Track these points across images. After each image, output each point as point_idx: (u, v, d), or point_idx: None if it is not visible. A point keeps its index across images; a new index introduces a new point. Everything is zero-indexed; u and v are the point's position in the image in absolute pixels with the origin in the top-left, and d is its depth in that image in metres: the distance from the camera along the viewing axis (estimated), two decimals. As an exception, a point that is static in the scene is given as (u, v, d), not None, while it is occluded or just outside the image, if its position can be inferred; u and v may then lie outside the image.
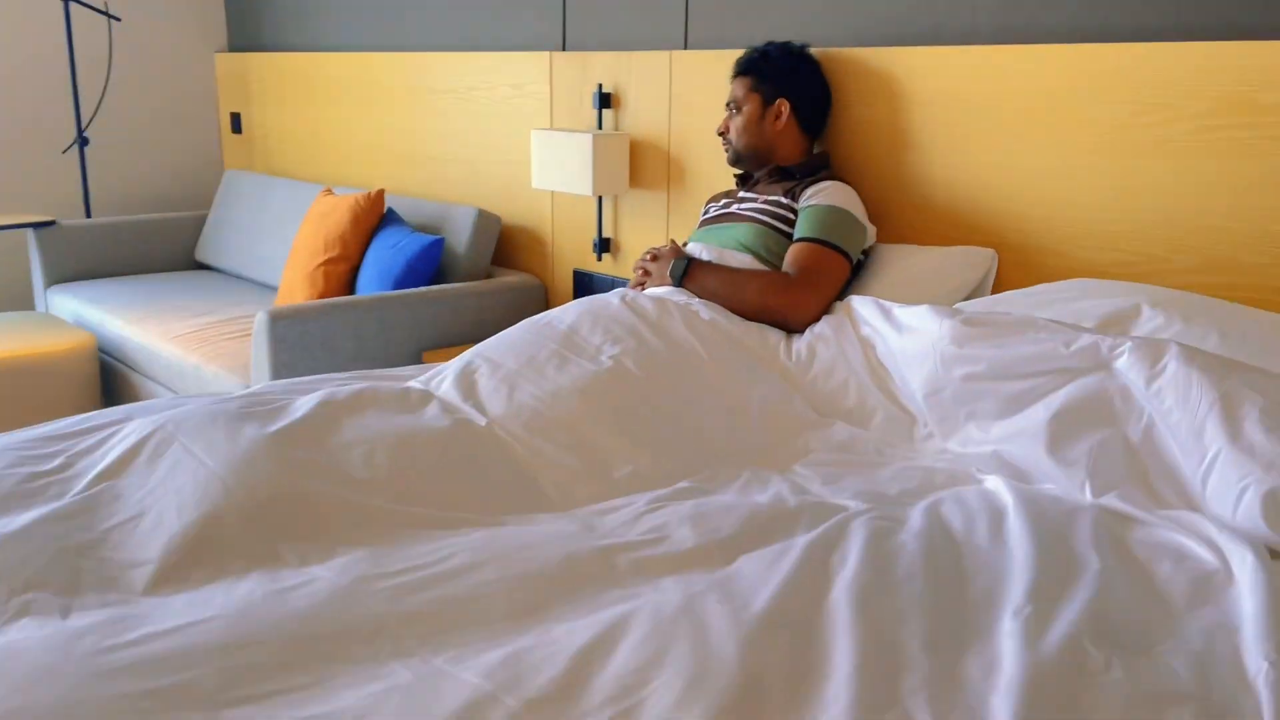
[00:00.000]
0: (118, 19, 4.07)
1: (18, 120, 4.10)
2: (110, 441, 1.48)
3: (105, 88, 4.21)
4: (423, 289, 2.92)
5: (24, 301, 4.21)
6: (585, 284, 3.09)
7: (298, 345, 2.65)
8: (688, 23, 2.76)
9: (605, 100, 2.90)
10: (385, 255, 3.08)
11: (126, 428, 1.52)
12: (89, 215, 4.13)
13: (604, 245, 3.01)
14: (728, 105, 2.38)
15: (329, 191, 3.42)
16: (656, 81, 2.78)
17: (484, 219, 3.13)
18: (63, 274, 3.88)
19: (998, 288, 2.18)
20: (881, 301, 1.91)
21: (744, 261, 2.17)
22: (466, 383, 1.77)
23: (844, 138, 2.40)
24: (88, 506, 1.32)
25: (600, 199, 2.98)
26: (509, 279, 3.15)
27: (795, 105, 2.31)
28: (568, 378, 1.75)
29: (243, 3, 4.40)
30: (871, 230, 2.26)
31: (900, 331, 1.81)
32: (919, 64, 2.25)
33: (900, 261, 2.21)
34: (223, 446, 1.41)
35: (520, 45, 3.26)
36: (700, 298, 2.09)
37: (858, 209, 2.20)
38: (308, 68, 4.03)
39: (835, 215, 2.15)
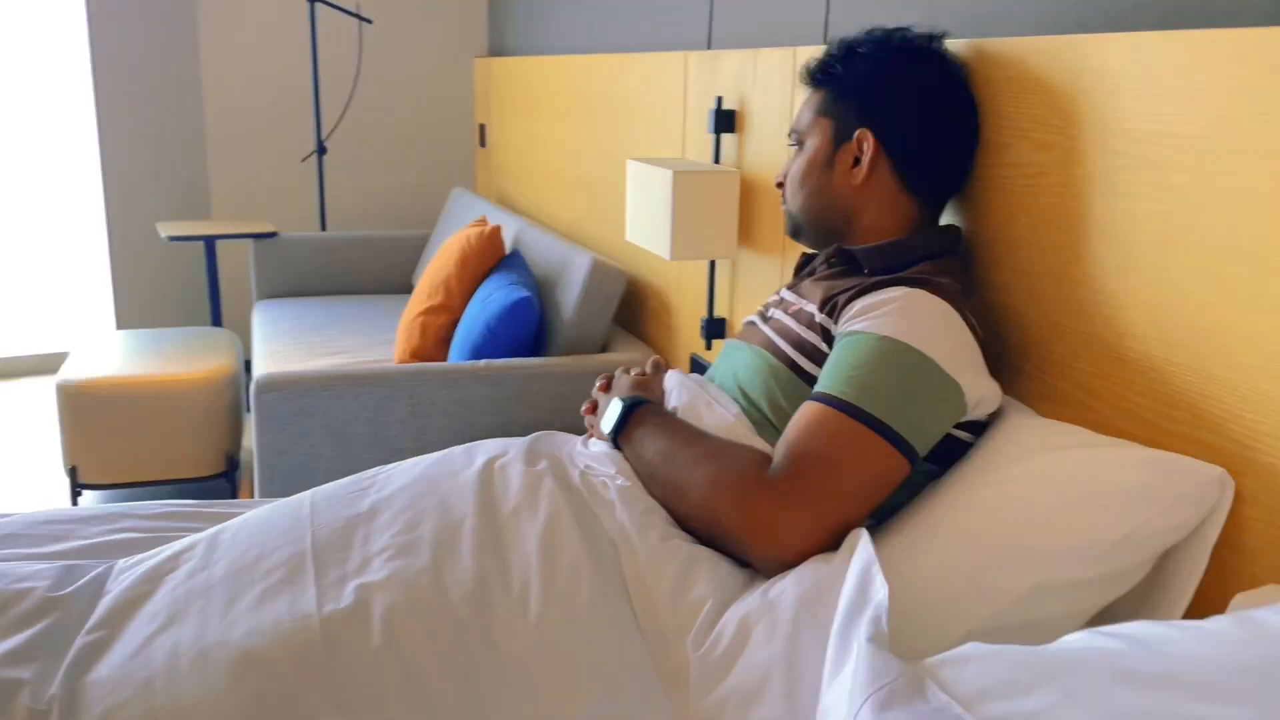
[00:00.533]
0: (368, 21, 3.85)
1: (258, 127, 4.04)
2: None
3: (351, 95, 4.03)
4: (467, 363, 2.23)
5: (245, 312, 4.18)
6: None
7: (292, 423, 2.10)
8: (829, 8, 1.78)
9: (726, 120, 2.00)
10: (475, 311, 2.44)
11: None
12: (323, 228, 3.98)
13: (713, 328, 2.11)
14: (790, 136, 1.41)
15: (482, 221, 2.86)
16: (779, 92, 1.83)
17: (599, 273, 2.37)
18: (275, 288, 3.73)
19: (1219, 576, 1.02)
20: (876, 576, 0.90)
21: (721, 422, 1.22)
22: (134, 590, 1.07)
23: (996, 202, 1.32)
24: None
25: (713, 264, 2.08)
26: (615, 357, 2.36)
27: (889, 141, 1.29)
28: (261, 618, 0.99)
29: (510, 2, 3.98)
30: (982, 392, 1.17)
31: (833, 671, 0.81)
32: (1148, 61, 1.12)
33: (1038, 461, 1.10)
34: None
35: (665, 41, 2.44)
36: (637, 467, 1.21)
37: (944, 347, 1.13)
38: (527, 73, 3.51)
39: (885, 357, 1.12)
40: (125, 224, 4.03)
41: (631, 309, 2.66)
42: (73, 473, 2.82)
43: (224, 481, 3.15)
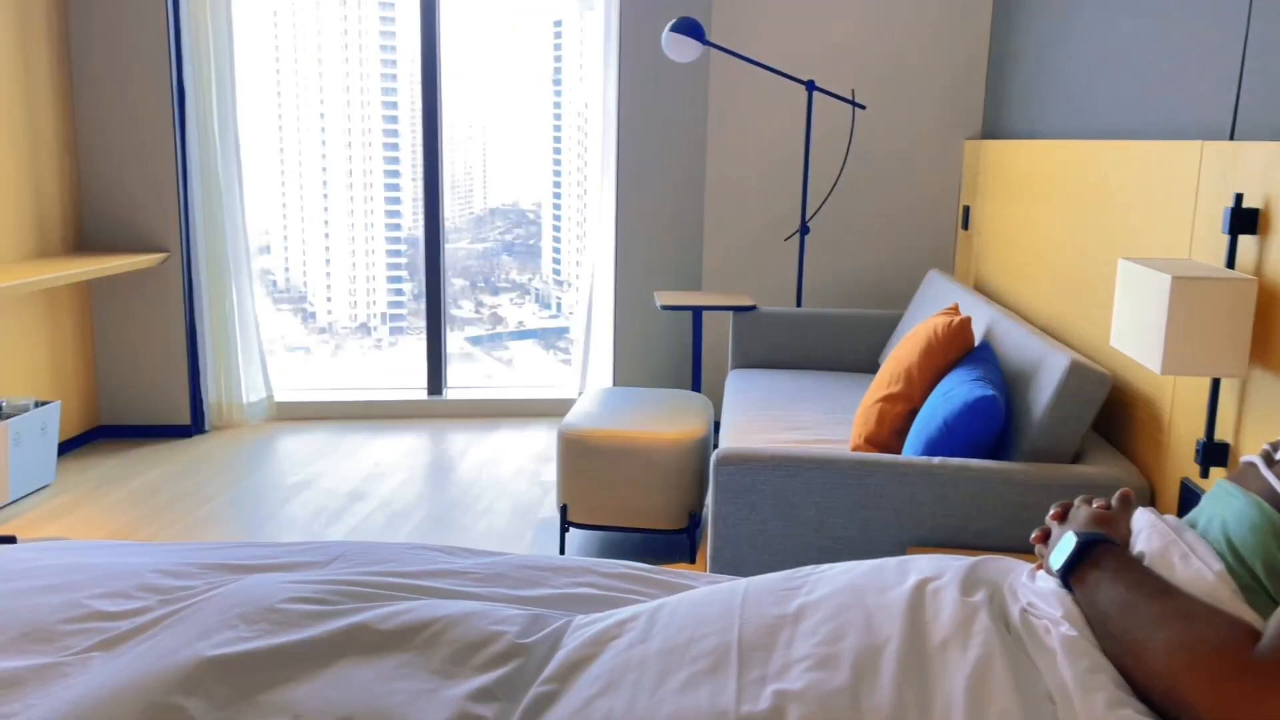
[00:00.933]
0: (862, 107, 3.97)
1: (749, 206, 4.31)
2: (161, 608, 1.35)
3: (838, 177, 4.15)
4: (920, 459, 2.16)
5: (720, 377, 4.43)
6: (1190, 503, 1.95)
7: (744, 498, 2.19)
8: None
9: (1246, 220, 1.75)
10: (935, 404, 2.38)
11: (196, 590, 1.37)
12: (799, 303, 4.13)
13: (1211, 453, 1.84)
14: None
15: (953, 309, 2.80)
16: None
17: (1078, 376, 2.19)
18: (749, 358, 3.94)
19: None
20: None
21: (1199, 578, 1.05)
22: (583, 650, 1.19)
23: None
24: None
25: (1217, 380, 1.82)
26: (1088, 470, 2.15)
27: None
28: (683, 703, 1.05)
29: (1006, 83, 3.88)
30: None
31: None
32: None
33: None
34: (146, 658, 1.16)
35: (1177, 129, 2.20)
36: (1089, 614, 1.10)
37: None
38: (1018, 156, 3.37)
39: None
40: (630, 291, 4.51)
41: (1114, 417, 2.42)
42: (563, 510, 3.19)
43: (684, 537, 3.37)
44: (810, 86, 3.81)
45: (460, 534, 3.36)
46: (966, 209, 4.06)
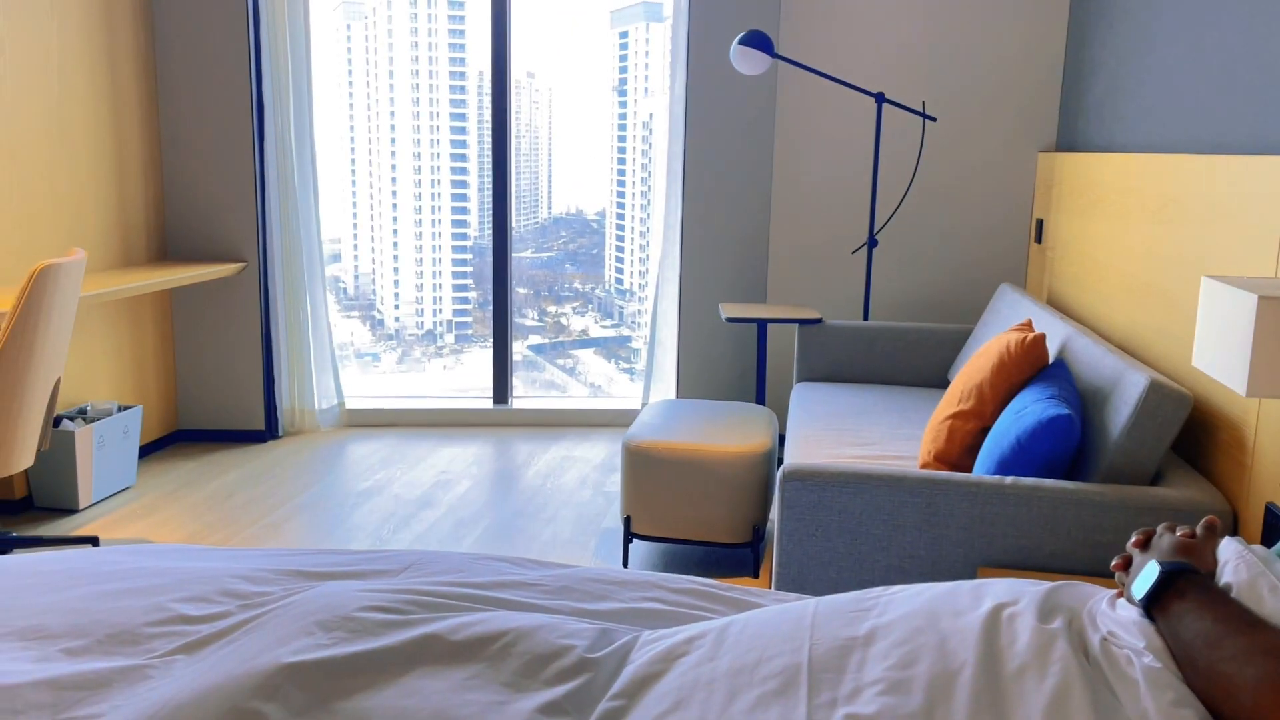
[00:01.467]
0: (933, 119, 3.93)
1: (815, 218, 4.28)
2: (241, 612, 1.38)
3: (908, 189, 4.11)
4: (992, 478, 2.12)
5: (785, 391, 4.40)
6: (1276, 528, 1.88)
7: (810, 515, 2.18)
8: None
9: (1337, 239, 1.70)
10: (1007, 422, 2.34)
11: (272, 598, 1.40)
12: (866, 317, 4.10)
13: (1298, 478, 1.78)
14: None
15: (1025, 325, 2.76)
16: None
17: (1157, 395, 2.14)
18: (814, 372, 3.92)
19: None
20: None
21: (1284, 610, 1.02)
22: (652, 666, 1.20)
23: None
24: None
25: (1305, 401, 1.77)
26: (1167, 493, 2.09)
27: None
28: None
29: (1083, 94, 3.81)
30: None
31: None
32: None
33: None
34: (227, 663, 1.19)
35: (1269, 143, 2.13)
36: (1173, 646, 1.07)
37: None
38: (1093, 169, 3.31)
39: None
40: (695, 303, 4.51)
41: (1195, 439, 2.35)
42: (627, 521, 3.20)
43: (747, 551, 3.36)
44: (880, 99, 3.78)
45: (526, 542, 3.39)
46: (1040, 222, 3.99)
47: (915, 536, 2.13)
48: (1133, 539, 1.24)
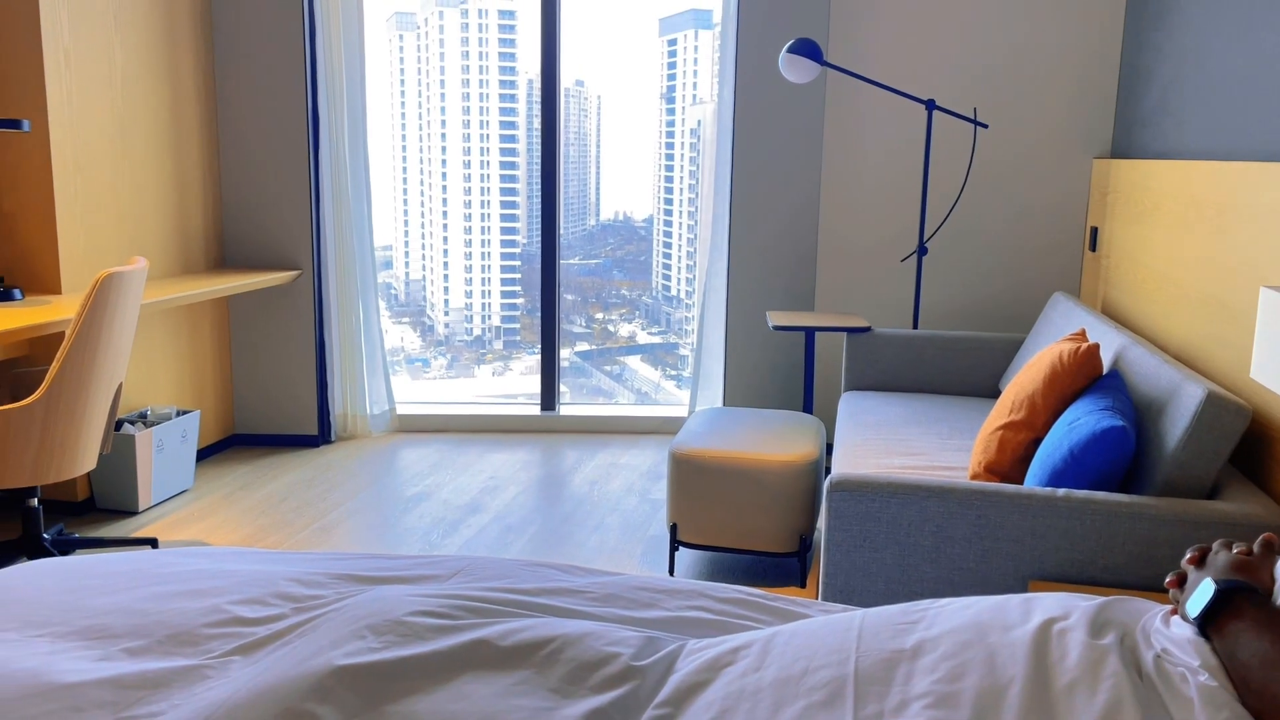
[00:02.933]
0: (984, 126, 3.89)
1: (864, 226, 4.26)
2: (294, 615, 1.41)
3: (958, 197, 4.07)
4: (1044, 490, 2.09)
5: (833, 399, 4.37)
6: (1339, 547, 1.83)
7: (858, 525, 2.17)
8: None
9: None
10: (1059, 433, 2.31)
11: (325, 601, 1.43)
12: (915, 325, 4.06)
13: (1361, 494, 1.74)
14: None
15: (1079, 335, 2.72)
16: None
17: (1215, 407, 2.10)
18: (863, 380, 3.89)
19: None
20: None
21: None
22: (698, 675, 1.20)
23: None
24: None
25: (1369, 414, 1.72)
26: (1224, 507, 2.05)
27: None
28: None
29: (1139, 100, 3.75)
30: None
31: None
32: None
33: None
34: (282, 664, 1.22)
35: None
36: (1229, 666, 1.05)
37: None
38: (1149, 176, 3.25)
39: None
40: (742, 310, 4.51)
41: (1255, 452, 2.30)
42: (673, 529, 3.20)
43: (794, 561, 3.34)
44: (930, 106, 3.75)
45: (573, 549, 3.41)
46: (1094, 230, 3.93)
47: (965, 549, 2.11)
48: (1188, 555, 1.22)
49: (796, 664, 1.17)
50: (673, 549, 3.20)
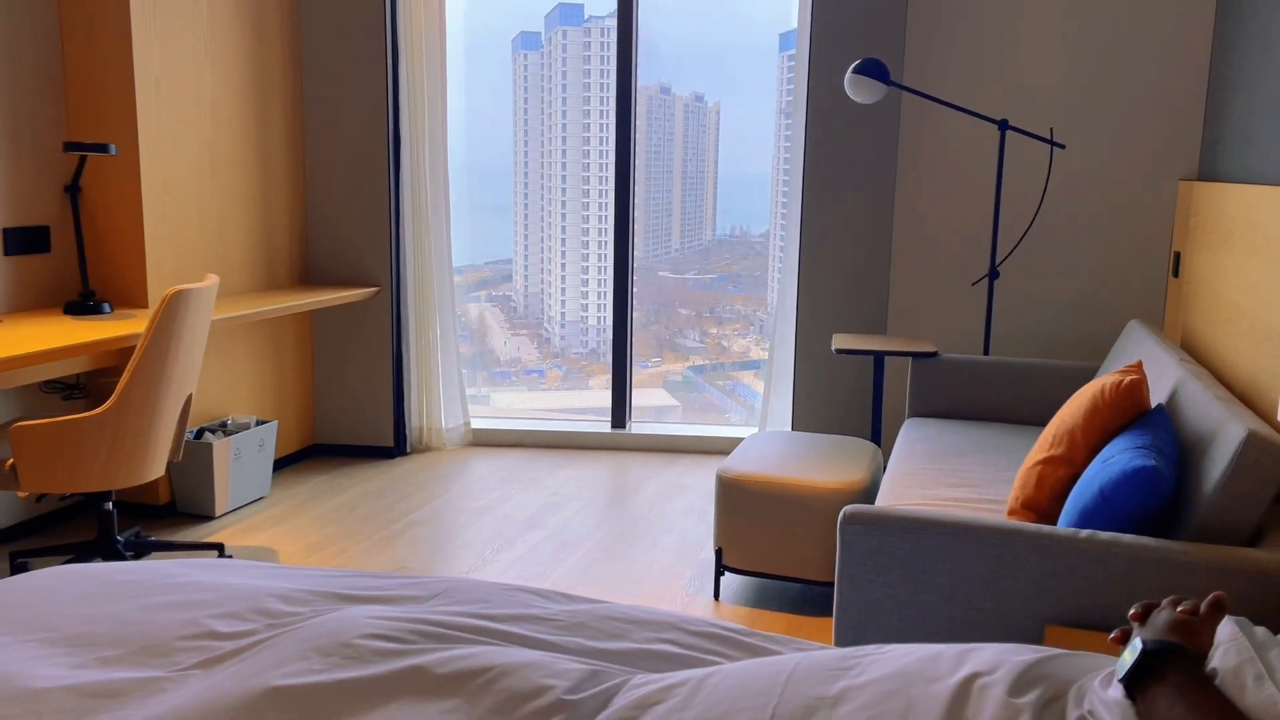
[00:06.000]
0: (1061, 146, 3.76)
1: (936, 248, 4.16)
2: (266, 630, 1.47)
3: (1033, 220, 3.94)
4: (1066, 531, 2.01)
5: (898, 425, 4.27)
6: (1375, 606, 1.71)
7: (871, 560, 2.12)
8: None
9: None
10: (1094, 471, 2.21)
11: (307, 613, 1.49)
12: (986, 351, 3.95)
13: (1392, 550, 1.61)
14: None
15: (1132, 368, 2.60)
16: None
17: (1256, 448, 1.98)
18: (927, 407, 3.80)
19: None
20: None
21: (1268, 707, 0.94)
22: (626, 713, 1.21)
23: None
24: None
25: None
26: (1263, 556, 1.93)
27: None
28: None
29: (1227, 120, 3.57)
30: None
31: None
32: None
33: None
34: (226, 682, 1.28)
35: None
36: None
37: None
38: (1231, 200, 3.09)
39: None
40: (813, 333, 4.46)
41: (1308, 496, 2.16)
42: (718, 553, 3.19)
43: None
44: (1003, 126, 3.65)
45: (622, 568, 3.43)
46: (1178, 255, 3.75)
47: (981, 589, 2.04)
48: (1132, 611, 1.16)
49: (719, 706, 1.16)
50: (718, 573, 3.19)
